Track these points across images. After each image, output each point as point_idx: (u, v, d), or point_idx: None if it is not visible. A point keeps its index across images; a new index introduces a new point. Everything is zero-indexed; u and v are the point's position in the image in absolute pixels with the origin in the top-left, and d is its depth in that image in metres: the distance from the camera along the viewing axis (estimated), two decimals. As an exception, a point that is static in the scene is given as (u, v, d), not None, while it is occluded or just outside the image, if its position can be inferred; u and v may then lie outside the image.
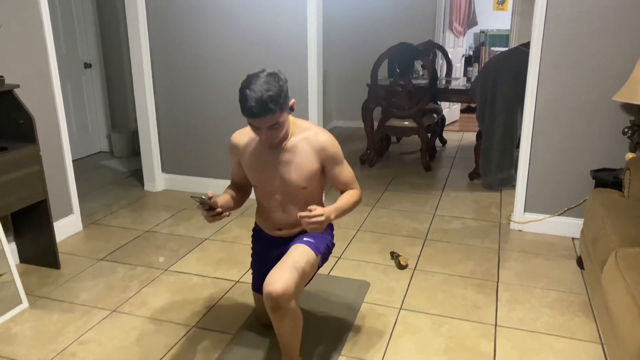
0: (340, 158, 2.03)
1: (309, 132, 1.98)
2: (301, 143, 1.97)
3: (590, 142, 3.16)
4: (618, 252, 2.00)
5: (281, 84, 1.79)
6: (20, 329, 2.38)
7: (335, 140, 2.02)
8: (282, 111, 1.81)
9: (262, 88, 1.74)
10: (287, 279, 1.79)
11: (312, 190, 2.03)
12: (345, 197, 2.01)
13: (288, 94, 1.84)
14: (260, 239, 2.23)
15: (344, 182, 2.05)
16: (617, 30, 2.95)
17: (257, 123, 1.81)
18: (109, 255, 3.10)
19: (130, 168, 4.82)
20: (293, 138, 1.97)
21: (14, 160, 2.59)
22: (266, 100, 1.74)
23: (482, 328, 2.35)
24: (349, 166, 2.08)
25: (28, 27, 2.95)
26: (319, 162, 1.98)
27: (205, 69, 3.88)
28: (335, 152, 2.00)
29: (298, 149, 1.96)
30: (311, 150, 1.96)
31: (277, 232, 2.13)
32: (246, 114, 1.78)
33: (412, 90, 4.67)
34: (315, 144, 1.96)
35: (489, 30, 8.36)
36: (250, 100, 1.74)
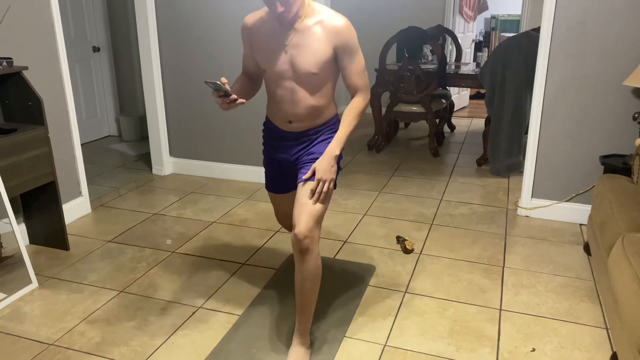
0: (355, 47, 1.90)
1: (324, 15, 1.87)
2: (314, 26, 1.87)
3: (600, 128, 3.13)
4: (625, 237, 1.99)
5: None
6: (30, 307, 2.41)
7: (352, 26, 1.90)
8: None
9: None
10: (309, 219, 1.88)
11: (323, 77, 1.95)
12: (346, 118, 1.96)
13: None
14: (271, 134, 2.17)
15: (354, 74, 1.94)
16: (628, 14, 2.90)
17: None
18: (117, 237, 3.13)
19: (139, 152, 4.84)
20: (306, 19, 1.87)
21: (22, 141, 2.61)
22: None
23: (487, 312, 2.36)
24: (362, 57, 1.95)
25: (36, 9, 2.95)
26: (332, 47, 1.88)
27: (214, 53, 3.87)
28: (350, 38, 1.88)
29: (311, 31, 1.87)
30: (324, 34, 1.86)
31: (289, 125, 2.07)
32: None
33: (420, 75, 4.64)
34: (329, 27, 1.86)
35: (499, 15, 8.26)
36: None
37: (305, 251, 1.89)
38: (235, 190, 3.88)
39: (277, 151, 2.17)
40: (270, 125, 2.18)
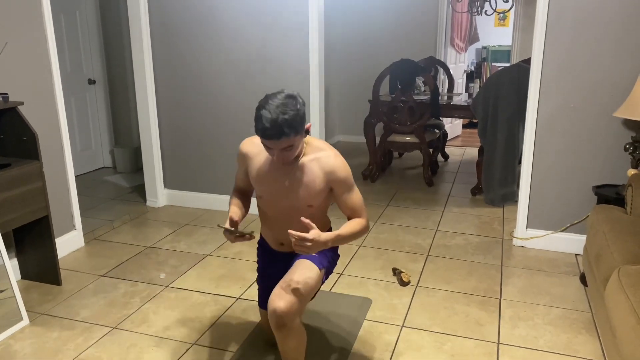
0: (350, 183, 1.97)
1: (321, 154, 1.94)
2: (311, 163, 1.93)
3: (592, 158, 3.16)
4: (621, 269, 1.99)
5: (298, 107, 1.76)
6: (20, 345, 2.37)
7: (347, 165, 1.97)
8: (297, 134, 1.78)
9: (278, 110, 1.71)
10: (292, 297, 1.79)
11: (317, 208, 2.01)
12: (349, 226, 1.95)
13: (305, 117, 1.81)
14: (265, 253, 2.22)
15: (351, 208, 1.99)
16: (617, 47, 2.96)
17: (271, 145, 1.79)
18: (110, 271, 3.10)
19: (133, 184, 4.83)
20: (305, 157, 1.94)
21: (16, 176, 2.61)
22: (281, 123, 1.71)
23: (484, 346, 2.33)
24: (358, 193, 2.01)
25: (33, 45, 2.98)
26: (327, 184, 1.95)
27: (209, 86, 3.91)
28: (345, 176, 1.95)
29: (308, 168, 1.93)
30: (320, 172, 1.93)
31: (280, 247, 2.12)
32: (260, 134, 1.75)
33: (413, 106, 4.69)
34: (326, 167, 1.92)
35: (490, 45, 8.40)
36: (265, 122, 1.71)
37: (283, 327, 1.80)
38: (230, 222, 3.86)
39: (272, 267, 2.17)
40: (264, 243, 2.22)
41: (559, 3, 3.00)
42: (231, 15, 3.70)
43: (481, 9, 5.27)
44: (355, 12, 6.37)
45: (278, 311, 1.77)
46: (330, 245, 1.84)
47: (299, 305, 1.81)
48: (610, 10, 2.93)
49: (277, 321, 1.79)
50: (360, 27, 6.39)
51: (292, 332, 1.83)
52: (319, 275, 1.95)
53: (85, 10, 4.95)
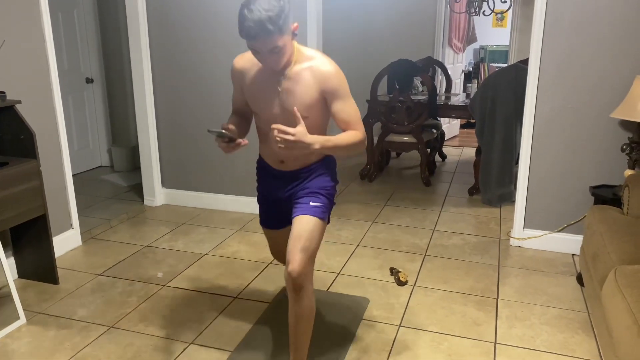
0: (344, 92, 1.89)
1: (314, 61, 1.87)
2: (304, 72, 1.86)
3: (589, 158, 3.17)
4: (617, 269, 1.99)
5: (282, 4, 1.68)
6: (17, 345, 2.36)
7: (341, 72, 1.89)
8: (282, 33, 1.70)
9: (260, 7, 1.64)
10: (301, 256, 1.88)
11: (314, 120, 1.93)
12: (342, 134, 1.89)
13: (290, 15, 1.72)
14: (264, 172, 2.19)
15: (346, 120, 1.90)
16: (614, 48, 2.97)
17: (256, 46, 1.72)
18: (107, 270, 3.10)
19: (130, 183, 4.83)
20: (297, 66, 1.87)
21: (14, 175, 2.60)
22: (264, 20, 1.64)
23: (481, 345, 2.34)
24: (354, 103, 1.92)
25: (30, 43, 2.97)
26: (320, 92, 1.88)
27: (207, 85, 3.91)
28: (338, 83, 1.87)
29: (300, 77, 1.86)
30: (313, 80, 1.86)
31: (281, 164, 2.07)
32: (244, 35, 1.69)
33: (411, 106, 4.69)
34: (318, 73, 1.86)
35: (488, 46, 8.42)
36: (247, 21, 1.65)
37: (299, 289, 1.89)
38: (228, 221, 3.86)
39: (271, 189, 2.18)
40: (263, 164, 2.20)
41: (556, 4, 3.00)
42: (229, 14, 3.69)
43: (479, 9, 5.28)
44: (354, 12, 6.37)
45: (293, 274, 1.85)
46: (318, 148, 1.78)
47: (310, 262, 1.91)
48: (608, 12, 2.94)
49: (294, 283, 1.87)
50: (358, 27, 6.39)
51: (306, 294, 1.90)
52: (321, 226, 1.99)
53: (83, 8, 4.94)
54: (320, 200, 2.03)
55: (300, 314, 1.93)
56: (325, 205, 2.05)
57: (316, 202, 2.02)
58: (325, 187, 2.08)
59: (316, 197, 2.03)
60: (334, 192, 2.13)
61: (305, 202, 2.02)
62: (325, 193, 2.07)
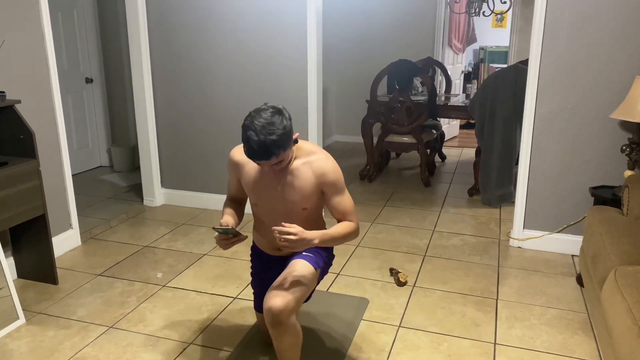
0: (341, 186, 1.97)
1: (313, 157, 1.95)
2: (303, 167, 1.93)
3: (589, 159, 3.17)
4: (617, 270, 1.99)
5: (285, 124, 1.74)
6: (16, 345, 2.36)
7: (338, 168, 1.97)
8: (286, 150, 1.78)
9: (265, 131, 1.70)
10: (287, 295, 1.80)
11: (311, 210, 2.00)
12: (338, 227, 1.94)
13: (292, 131, 1.80)
14: (259, 258, 2.22)
15: (342, 211, 1.97)
16: (614, 49, 2.97)
17: (260, 163, 1.82)
18: (107, 270, 3.09)
19: (130, 183, 4.82)
20: (296, 161, 1.94)
21: (13, 175, 2.60)
22: (269, 145, 1.71)
23: (481, 346, 2.34)
24: (349, 197, 2.00)
25: (30, 43, 2.97)
26: (318, 187, 1.95)
27: (206, 85, 3.91)
28: (336, 179, 1.94)
29: (300, 172, 1.93)
30: (312, 175, 1.93)
31: (278, 252, 2.11)
32: (249, 156, 1.76)
33: (411, 107, 4.69)
34: (317, 170, 1.93)
35: (488, 46, 8.42)
36: (252, 144, 1.71)
37: (279, 325, 1.81)
38: (227, 222, 3.86)
39: (267, 271, 2.17)
40: (258, 251, 2.22)
41: (556, 5, 3.00)
42: (229, 15, 3.70)
43: (479, 10, 5.28)
44: (354, 12, 6.38)
45: (274, 309, 1.78)
46: (317, 243, 1.81)
47: (294, 303, 1.82)
48: (608, 12, 2.94)
49: (272, 319, 1.80)
50: (358, 28, 6.40)
51: (287, 330, 1.84)
52: (314, 275, 1.96)
53: (82, 8, 4.94)
54: (314, 254, 2.01)
55: (282, 349, 1.90)
56: (320, 259, 2.02)
57: (310, 253, 2.01)
58: (320, 253, 2.05)
59: (310, 252, 2.01)
60: (329, 258, 2.12)
61: (298, 254, 2.01)
62: (321, 252, 2.05)
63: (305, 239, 1.77)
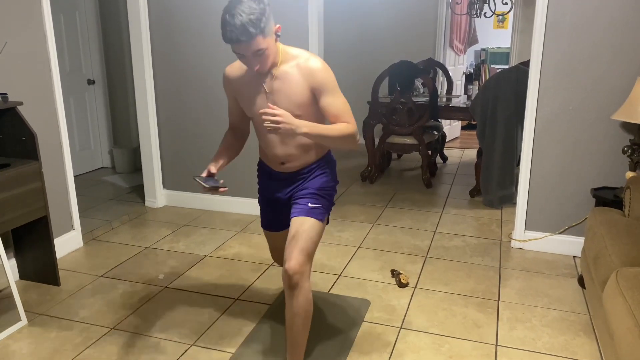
0: (332, 86, 1.89)
1: (300, 59, 1.89)
2: (291, 69, 1.88)
3: (591, 160, 3.16)
4: (619, 271, 1.99)
5: (262, 7, 1.70)
6: (18, 346, 2.37)
7: (328, 67, 1.90)
8: (265, 36, 1.73)
9: (242, 11, 1.67)
10: (299, 255, 1.90)
11: (308, 117, 1.91)
12: (332, 125, 1.89)
13: (271, 18, 1.75)
14: (265, 175, 2.21)
15: (335, 113, 1.89)
16: (616, 49, 2.97)
17: (240, 49, 1.75)
18: (109, 271, 3.10)
19: (132, 184, 4.83)
20: (283, 65, 1.89)
21: (15, 176, 2.60)
22: (246, 24, 1.67)
23: (482, 348, 2.34)
24: (343, 97, 1.92)
25: (32, 45, 2.98)
26: (309, 89, 1.88)
27: (208, 86, 3.91)
28: (325, 78, 1.87)
29: (288, 75, 1.88)
30: (301, 76, 1.87)
31: (281, 166, 2.08)
32: (227, 39, 1.72)
33: (412, 108, 4.69)
34: (305, 70, 1.87)
35: (489, 47, 8.42)
36: (229, 25, 1.68)
37: (295, 286, 1.90)
38: (229, 223, 3.87)
39: (272, 191, 2.19)
40: (263, 166, 2.21)
41: (557, 6, 3.00)
42: (231, 16, 3.70)
43: (480, 11, 5.28)
44: (355, 13, 6.38)
45: (290, 272, 1.87)
46: (305, 131, 1.78)
47: (307, 261, 1.92)
48: (609, 13, 2.94)
49: (290, 281, 1.88)
50: (359, 29, 6.40)
51: (302, 292, 1.91)
52: (321, 227, 2.01)
53: (84, 10, 4.95)
54: (318, 201, 2.04)
55: (296, 312, 1.94)
56: (323, 207, 2.06)
57: (314, 203, 2.03)
58: (325, 188, 2.09)
59: (315, 199, 2.04)
60: (333, 192, 2.15)
61: (303, 203, 2.03)
62: (324, 194, 2.08)
63: (292, 123, 1.75)
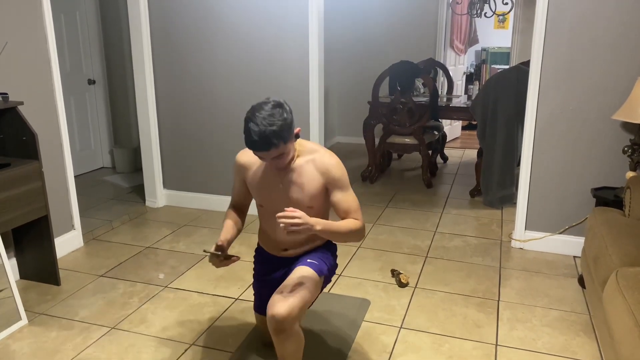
0: (345, 183, 1.97)
1: (316, 155, 1.96)
2: (307, 164, 1.95)
3: (591, 160, 3.16)
4: (619, 271, 1.99)
5: (285, 116, 1.77)
6: (19, 345, 2.37)
7: (342, 165, 1.98)
8: (286, 143, 1.80)
9: (265, 122, 1.73)
10: (291, 302, 1.79)
11: (318, 209, 1.99)
12: (343, 222, 1.93)
13: (293, 124, 1.82)
14: (264, 260, 2.22)
15: (345, 209, 1.95)
16: (616, 49, 2.97)
17: (261, 155, 1.82)
18: (109, 271, 3.10)
19: (132, 184, 4.83)
20: (299, 159, 1.96)
21: (16, 176, 2.61)
22: (269, 135, 1.73)
23: (483, 347, 2.34)
24: (354, 195, 1.99)
25: (33, 45, 2.98)
26: (323, 184, 1.95)
27: (208, 86, 3.91)
28: (339, 175, 1.95)
29: (303, 169, 1.95)
30: (316, 172, 1.94)
31: (283, 252, 2.11)
32: (249, 146, 1.78)
33: (412, 108, 4.69)
34: (320, 166, 1.94)
35: (490, 47, 8.41)
36: (253, 135, 1.74)
37: (282, 332, 1.81)
38: (229, 223, 3.86)
39: (270, 272, 2.18)
40: (262, 253, 2.22)
41: (558, 6, 3.00)
42: (231, 16, 3.70)
43: (481, 11, 5.28)
44: (355, 13, 6.38)
45: (277, 316, 1.77)
46: (320, 229, 1.78)
47: (298, 310, 1.81)
48: (609, 13, 2.93)
49: (276, 326, 1.79)
50: (360, 29, 6.40)
51: (291, 337, 1.84)
52: (318, 282, 1.96)
53: (85, 10, 4.96)
54: (318, 261, 2.02)
55: (284, 355, 1.89)
56: (324, 265, 2.03)
57: (314, 260, 2.01)
58: (325, 257, 2.07)
59: (314, 259, 2.02)
60: (333, 266, 2.12)
61: (302, 260, 2.02)
62: (325, 260, 2.06)
63: (308, 223, 1.75)
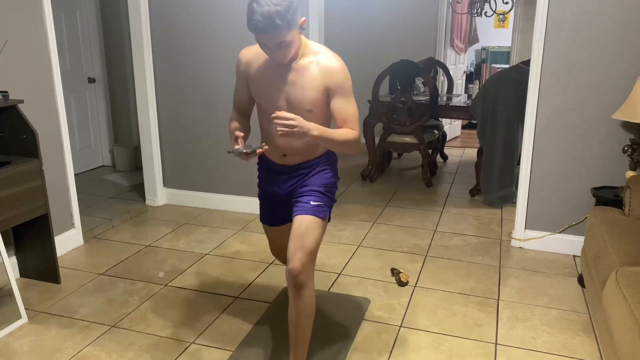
0: (347, 90, 1.90)
1: (321, 55, 1.89)
2: (310, 65, 1.88)
3: (591, 160, 3.17)
4: (619, 271, 1.99)
5: (290, 0, 1.71)
6: (19, 344, 2.37)
7: (347, 69, 1.90)
8: (291, 28, 1.73)
9: (270, 2, 1.66)
10: (303, 255, 1.89)
11: (318, 114, 1.93)
12: (339, 130, 1.90)
13: (298, 10, 1.74)
14: (266, 169, 2.20)
15: (344, 117, 1.91)
16: (616, 49, 2.97)
17: (264, 39, 1.75)
18: (109, 270, 3.10)
19: (132, 182, 4.83)
20: (303, 59, 1.89)
21: (16, 174, 2.61)
22: (273, 15, 1.66)
23: (482, 346, 2.34)
24: (355, 105, 1.94)
25: (33, 43, 2.98)
26: (324, 87, 1.89)
27: (209, 85, 3.91)
28: (342, 79, 1.88)
29: (306, 69, 1.88)
30: (319, 73, 1.87)
31: (283, 158, 2.08)
32: (252, 28, 1.72)
33: (412, 107, 4.70)
34: (324, 67, 1.87)
35: (490, 47, 8.41)
36: (256, 15, 1.67)
37: (300, 287, 1.90)
38: (229, 221, 3.87)
39: (272, 184, 2.18)
40: (264, 158, 2.20)
41: (558, 5, 3.00)
42: (232, 15, 3.70)
43: (481, 10, 5.28)
44: (355, 12, 6.38)
45: (294, 272, 1.87)
46: (316, 135, 1.80)
47: (311, 260, 1.92)
48: (610, 13, 2.94)
49: (294, 282, 1.88)
50: (360, 28, 6.40)
51: (308, 291, 1.92)
52: (321, 225, 2.00)
53: (85, 8, 4.95)
54: (320, 198, 2.04)
55: (300, 312, 1.94)
56: (325, 204, 2.06)
57: (317, 201, 2.03)
58: (326, 185, 2.08)
59: (317, 196, 2.04)
60: (335, 189, 2.14)
61: (305, 200, 2.02)
62: (326, 190, 2.08)
63: (304, 127, 1.76)
